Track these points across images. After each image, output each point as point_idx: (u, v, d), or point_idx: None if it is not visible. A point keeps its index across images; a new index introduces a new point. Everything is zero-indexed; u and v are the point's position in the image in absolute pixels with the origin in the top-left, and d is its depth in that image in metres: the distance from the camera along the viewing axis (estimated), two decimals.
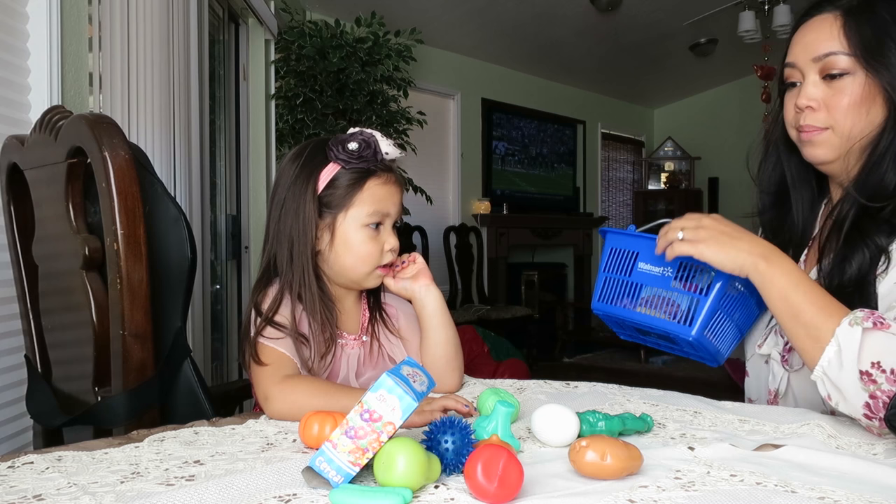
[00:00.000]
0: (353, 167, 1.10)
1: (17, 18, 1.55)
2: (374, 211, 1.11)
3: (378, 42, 3.93)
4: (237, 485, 0.68)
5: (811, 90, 1.02)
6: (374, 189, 1.12)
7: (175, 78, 2.20)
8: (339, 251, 1.12)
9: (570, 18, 5.38)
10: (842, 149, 1.02)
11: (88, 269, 1.14)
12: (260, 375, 1.05)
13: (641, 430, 0.88)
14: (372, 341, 1.19)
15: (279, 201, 1.12)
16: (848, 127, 1.01)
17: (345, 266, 1.13)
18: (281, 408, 1.00)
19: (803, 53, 1.03)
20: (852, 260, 0.98)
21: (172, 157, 2.17)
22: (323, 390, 1.02)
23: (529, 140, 6.42)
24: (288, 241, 1.10)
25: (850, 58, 0.99)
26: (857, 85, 0.99)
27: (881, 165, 0.99)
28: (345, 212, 1.11)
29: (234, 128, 3.36)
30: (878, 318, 0.86)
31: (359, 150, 1.10)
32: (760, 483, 0.68)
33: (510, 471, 0.64)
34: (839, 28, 1.00)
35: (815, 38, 1.02)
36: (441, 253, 5.40)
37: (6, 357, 1.47)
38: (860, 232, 0.99)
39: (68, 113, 1.20)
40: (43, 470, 0.74)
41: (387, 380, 0.69)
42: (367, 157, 1.10)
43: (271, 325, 1.07)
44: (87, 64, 1.76)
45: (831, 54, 1.00)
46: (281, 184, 1.13)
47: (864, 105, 1.00)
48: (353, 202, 1.11)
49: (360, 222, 1.11)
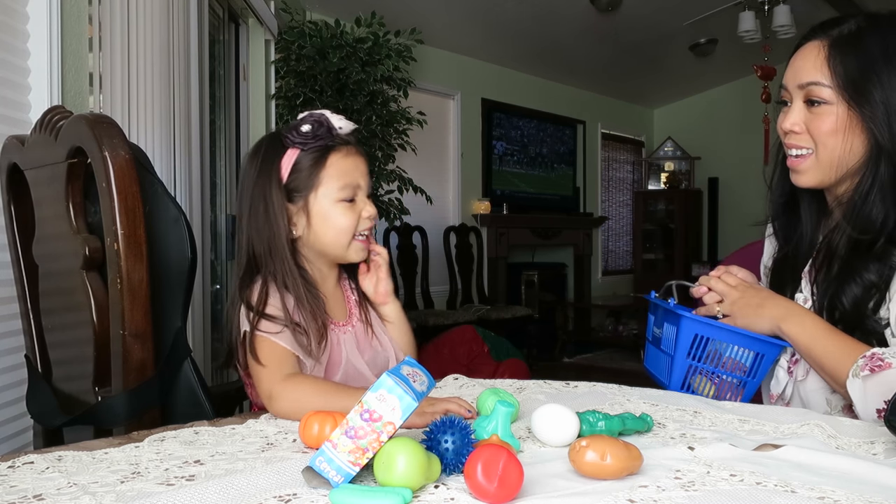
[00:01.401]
0: (311, 147, 1.13)
1: (18, 18, 1.55)
2: (344, 184, 1.13)
3: (378, 42, 3.92)
4: (237, 485, 0.68)
5: (795, 115, 1.06)
6: (338, 163, 1.14)
7: (175, 78, 2.20)
8: (319, 230, 1.14)
9: (570, 18, 5.38)
10: (825, 174, 1.06)
11: (88, 269, 1.14)
12: (262, 374, 1.05)
13: (641, 430, 0.88)
14: (365, 325, 1.21)
15: (247, 199, 1.15)
16: (828, 151, 1.04)
17: (326, 242, 1.15)
18: (286, 406, 1.01)
19: (792, 79, 1.07)
20: (843, 297, 1.02)
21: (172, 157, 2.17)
22: (326, 389, 1.02)
23: (529, 140, 6.42)
24: (264, 236, 1.12)
25: (832, 89, 1.02)
26: (837, 115, 1.02)
27: (868, 200, 1.02)
28: (315, 191, 1.13)
29: (234, 128, 3.36)
30: (875, 363, 0.92)
31: (312, 130, 1.12)
32: (760, 483, 0.68)
33: (510, 471, 0.64)
34: (824, 58, 1.02)
35: (802, 66, 1.05)
36: (441, 253, 5.40)
37: (6, 357, 1.47)
38: (851, 269, 1.02)
39: (68, 113, 1.20)
40: (43, 470, 0.74)
41: (387, 380, 0.69)
42: (321, 135, 1.13)
43: (265, 319, 1.07)
44: (87, 64, 1.76)
45: (813, 84, 1.03)
46: (246, 183, 1.15)
47: (843, 134, 1.02)
48: (321, 180, 1.13)
49: (333, 198, 1.13)
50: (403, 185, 4.08)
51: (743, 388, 1.12)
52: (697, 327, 1.10)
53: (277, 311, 1.09)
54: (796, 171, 1.08)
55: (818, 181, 1.07)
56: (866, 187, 1.01)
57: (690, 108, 7.86)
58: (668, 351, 1.15)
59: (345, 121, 1.16)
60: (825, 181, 1.06)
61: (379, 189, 4.00)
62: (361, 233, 1.16)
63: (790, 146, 1.08)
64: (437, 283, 5.34)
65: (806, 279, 1.11)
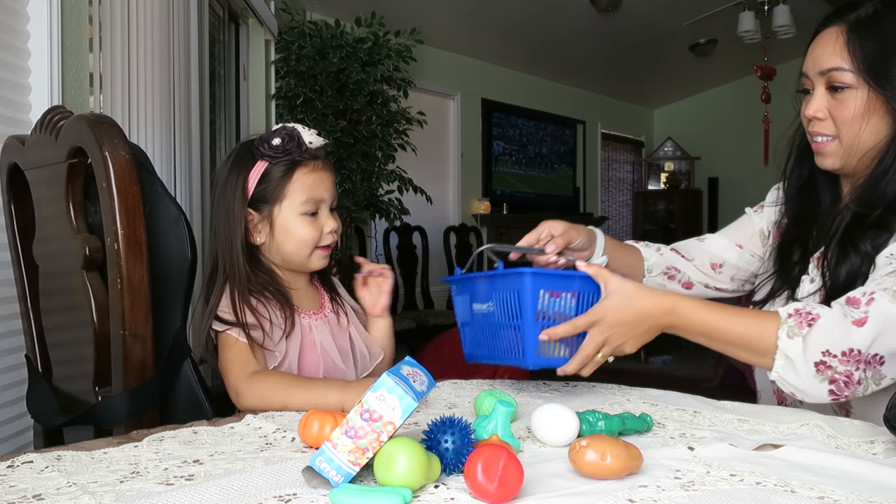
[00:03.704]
0: (279, 161, 1.17)
1: (18, 19, 1.55)
2: (308, 199, 1.18)
3: (378, 42, 3.93)
4: (237, 484, 0.68)
5: (817, 101, 1.07)
6: (303, 178, 1.18)
7: (175, 78, 2.20)
8: (280, 240, 1.19)
9: (570, 18, 5.38)
10: (848, 158, 1.06)
11: (89, 269, 1.14)
12: (228, 370, 1.12)
13: (641, 430, 0.88)
14: (338, 315, 1.27)
15: (216, 203, 1.20)
16: (851, 137, 1.04)
17: (287, 252, 1.20)
18: (250, 402, 1.09)
19: (812, 66, 1.07)
20: (842, 267, 1.02)
21: (172, 157, 2.18)
22: (288, 383, 1.09)
23: (529, 140, 6.42)
24: (222, 239, 1.18)
25: (853, 73, 1.02)
26: (860, 98, 1.02)
27: (885, 177, 1.02)
28: (279, 203, 1.17)
29: (234, 128, 3.36)
30: (805, 318, 0.92)
31: (282, 143, 1.17)
32: (760, 483, 0.68)
33: (510, 471, 0.64)
34: (843, 43, 1.03)
35: (822, 52, 1.05)
36: (441, 253, 5.40)
37: (6, 357, 1.47)
38: (850, 239, 1.02)
39: (69, 113, 1.20)
40: (42, 469, 0.74)
41: (387, 379, 0.69)
42: (290, 149, 1.17)
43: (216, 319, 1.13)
44: (88, 64, 1.76)
45: (834, 69, 1.03)
46: (217, 186, 1.21)
47: (866, 117, 1.03)
48: (286, 193, 1.17)
49: (296, 211, 1.18)
50: (403, 185, 4.08)
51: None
52: (544, 282, 0.99)
53: (227, 314, 1.13)
54: (820, 153, 1.09)
55: (841, 165, 1.07)
56: (886, 165, 1.02)
57: (690, 108, 7.86)
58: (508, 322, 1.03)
59: (315, 136, 1.20)
60: (847, 165, 1.07)
61: (379, 189, 4.00)
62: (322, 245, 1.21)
63: (814, 133, 1.08)
64: (437, 283, 5.34)
65: (814, 263, 1.11)
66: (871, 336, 0.89)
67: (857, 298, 0.92)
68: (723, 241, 1.29)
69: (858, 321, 0.90)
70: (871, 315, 0.90)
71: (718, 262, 1.28)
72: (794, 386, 0.93)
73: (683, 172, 7.74)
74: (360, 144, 3.81)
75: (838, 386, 0.90)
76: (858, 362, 0.89)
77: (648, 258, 1.29)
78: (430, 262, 5.25)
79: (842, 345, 0.90)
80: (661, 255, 1.30)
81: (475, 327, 1.13)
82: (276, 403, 1.06)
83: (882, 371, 0.90)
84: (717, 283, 1.29)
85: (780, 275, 1.16)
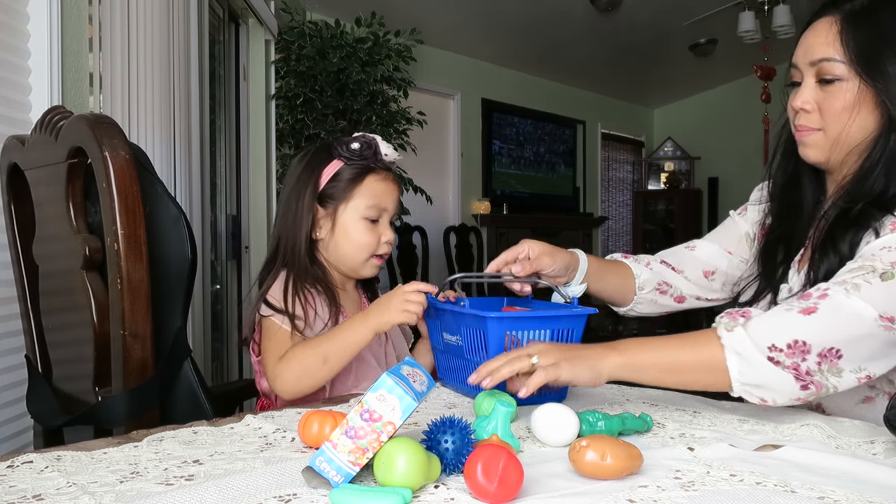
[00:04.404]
0: (353, 164, 1.22)
1: (18, 18, 1.55)
2: (373, 204, 1.22)
3: (378, 42, 3.92)
4: (237, 485, 0.68)
5: (806, 93, 1.04)
6: (373, 184, 1.23)
7: (175, 78, 2.20)
8: (339, 239, 1.24)
9: (570, 19, 5.38)
10: (832, 151, 1.04)
11: (89, 269, 1.14)
12: (267, 357, 1.15)
13: (641, 430, 0.88)
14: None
15: (285, 195, 1.26)
16: (837, 130, 1.02)
17: (343, 254, 1.24)
18: (289, 378, 1.11)
19: (803, 56, 1.04)
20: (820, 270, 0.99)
21: (172, 157, 2.17)
22: (314, 342, 1.13)
23: (529, 140, 6.42)
24: (289, 228, 1.23)
25: (845, 64, 0.99)
26: (850, 91, 0.99)
27: (872, 173, 1.00)
28: (345, 203, 1.22)
29: (234, 128, 3.36)
30: (738, 313, 0.91)
31: (360, 149, 1.22)
32: (760, 483, 0.68)
33: (510, 471, 0.64)
34: (836, 33, 1.00)
35: (814, 42, 1.02)
36: (441, 253, 5.40)
37: (6, 357, 1.46)
38: (832, 240, 1.00)
39: (69, 113, 1.20)
40: (42, 469, 0.74)
41: (387, 380, 0.69)
42: (367, 156, 1.22)
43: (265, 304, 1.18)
44: (88, 64, 1.76)
45: (825, 60, 1.00)
46: (288, 180, 1.27)
47: (855, 111, 1.00)
48: (353, 195, 1.22)
49: (359, 214, 1.22)
50: (403, 185, 4.08)
51: None
52: (508, 325, 1.01)
53: (276, 301, 1.17)
54: (804, 143, 1.06)
55: (825, 158, 1.04)
56: (874, 161, 0.99)
57: (690, 108, 7.85)
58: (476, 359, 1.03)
59: (391, 149, 1.27)
60: (832, 159, 1.04)
61: None
62: (378, 254, 1.25)
63: (800, 126, 1.05)
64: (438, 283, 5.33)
65: (794, 269, 1.09)
66: (822, 327, 0.85)
67: (810, 293, 0.89)
68: (713, 248, 1.26)
69: (805, 310, 0.87)
70: (822, 307, 0.86)
71: (710, 269, 1.25)
72: (757, 383, 0.87)
73: (683, 172, 7.74)
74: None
75: (799, 374, 0.85)
76: (805, 353, 0.85)
77: (639, 275, 1.25)
78: (431, 263, 5.25)
79: (786, 336, 0.86)
80: (651, 269, 1.26)
81: (447, 355, 1.16)
82: (314, 362, 1.09)
83: (839, 365, 0.85)
84: (709, 294, 1.26)
85: (763, 276, 1.13)
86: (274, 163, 3.61)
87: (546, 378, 0.88)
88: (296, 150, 3.75)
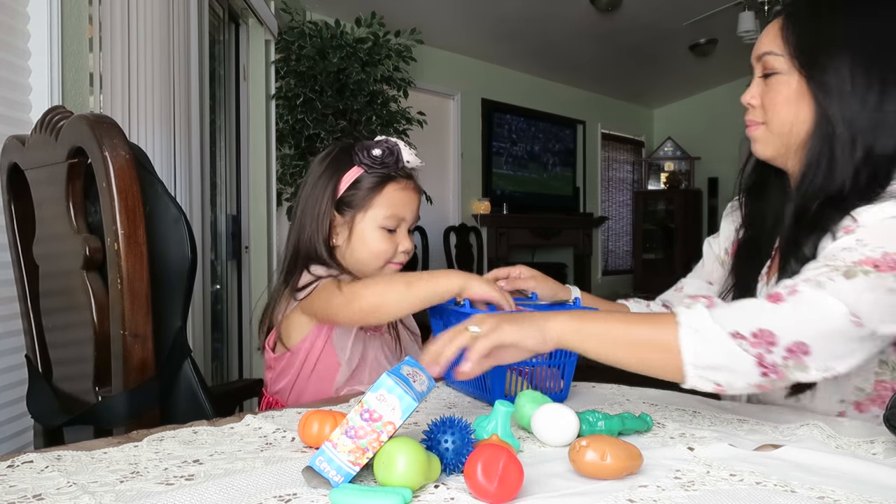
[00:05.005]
0: (374, 172, 1.20)
1: (18, 18, 1.55)
2: (391, 214, 1.21)
3: (378, 42, 3.92)
4: (237, 484, 0.68)
5: (753, 87, 1.06)
6: (393, 193, 1.22)
7: (175, 78, 2.20)
8: (356, 247, 1.22)
9: (570, 19, 5.38)
10: (778, 145, 1.04)
11: (89, 269, 1.14)
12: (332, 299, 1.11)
13: (641, 430, 0.88)
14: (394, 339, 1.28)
15: (304, 198, 1.24)
16: (778, 124, 1.02)
17: (359, 260, 1.23)
18: (367, 294, 1.08)
19: (753, 53, 1.07)
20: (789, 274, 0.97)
21: (172, 157, 2.17)
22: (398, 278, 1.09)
23: (529, 140, 6.42)
24: (307, 233, 1.22)
25: (785, 58, 1.00)
26: (789, 84, 1.00)
27: (815, 167, 0.99)
28: (363, 212, 1.21)
29: (234, 128, 3.36)
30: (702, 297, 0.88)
31: (382, 156, 1.20)
32: (760, 483, 0.68)
33: (510, 471, 0.64)
34: (779, 29, 1.02)
35: (762, 38, 1.05)
36: (441, 253, 5.40)
37: (6, 357, 1.47)
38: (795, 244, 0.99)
39: (69, 113, 1.20)
40: (42, 469, 0.74)
41: (387, 380, 0.69)
42: (388, 163, 1.20)
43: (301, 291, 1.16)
44: (88, 64, 1.76)
45: (767, 54, 1.02)
46: (307, 182, 1.25)
47: (794, 104, 1.00)
48: (373, 203, 1.21)
49: (377, 223, 1.21)
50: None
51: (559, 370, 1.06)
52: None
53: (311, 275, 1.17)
54: (752, 138, 1.07)
55: (773, 153, 1.05)
56: (814, 154, 0.99)
57: (690, 108, 7.86)
58: None
59: (413, 156, 1.25)
60: (779, 153, 1.04)
61: None
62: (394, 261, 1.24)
63: (748, 121, 1.07)
64: None
65: (763, 281, 1.08)
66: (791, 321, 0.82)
67: (779, 292, 0.86)
68: (696, 283, 1.26)
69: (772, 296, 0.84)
70: (791, 301, 0.83)
71: None
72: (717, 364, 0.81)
73: (683, 172, 7.74)
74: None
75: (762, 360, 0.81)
76: (771, 345, 0.80)
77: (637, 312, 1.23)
78: (431, 262, 5.25)
79: (752, 324, 0.81)
80: (650, 308, 1.25)
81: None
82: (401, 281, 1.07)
83: (807, 362, 0.81)
84: None
85: (736, 288, 1.12)
86: (274, 163, 3.61)
87: (489, 342, 0.84)
88: (296, 150, 3.75)
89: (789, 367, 0.81)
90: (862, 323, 0.81)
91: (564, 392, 1.07)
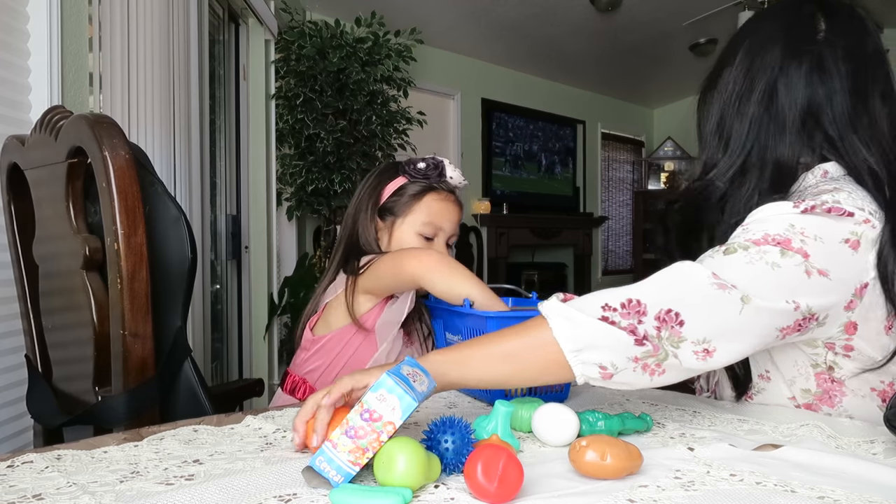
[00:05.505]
0: (417, 181, 1.29)
1: (18, 18, 1.55)
2: (429, 221, 1.27)
3: (378, 42, 3.92)
4: (237, 484, 0.68)
5: None
6: (432, 202, 1.29)
7: (175, 78, 2.20)
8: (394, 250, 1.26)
9: (570, 18, 5.38)
10: None
11: (89, 269, 1.14)
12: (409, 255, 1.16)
13: (641, 430, 0.88)
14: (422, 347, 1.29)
15: (353, 206, 1.33)
16: None
17: None
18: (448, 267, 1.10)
19: None
20: None
21: (172, 157, 2.18)
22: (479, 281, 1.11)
23: (529, 140, 6.42)
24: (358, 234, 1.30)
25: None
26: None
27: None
28: (403, 217, 1.28)
29: (234, 128, 3.36)
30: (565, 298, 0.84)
31: (426, 168, 1.28)
32: (760, 483, 0.68)
33: (510, 471, 0.64)
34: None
35: None
36: None
37: (6, 357, 1.47)
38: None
39: (69, 113, 1.20)
40: (42, 469, 0.74)
41: (387, 380, 0.69)
42: (431, 175, 1.28)
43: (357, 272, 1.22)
44: (88, 64, 1.76)
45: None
46: (360, 190, 1.34)
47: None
48: (412, 210, 1.28)
49: (415, 230, 1.27)
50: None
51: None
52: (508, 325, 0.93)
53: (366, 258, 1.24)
54: None
55: None
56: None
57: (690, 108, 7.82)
58: None
59: (458, 173, 1.33)
60: None
61: None
62: None
63: None
64: None
65: None
66: (655, 287, 0.79)
67: None
68: None
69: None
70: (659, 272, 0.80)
71: None
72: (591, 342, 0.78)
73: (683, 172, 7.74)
74: (359, 144, 3.80)
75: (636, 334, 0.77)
76: (641, 315, 0.77)
77: None
78: None
79: (620, 296, 0.79)
80: None
81: None
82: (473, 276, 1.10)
83: (682, 333, 0.77)
84: None
85: None
86: (274, 163, 3.61)
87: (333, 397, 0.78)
88: (295, 150, 3.75)
89: (662, 339, 0.77)
90: (725, 284, 0.78)
91: (564, 392, 1.08)
